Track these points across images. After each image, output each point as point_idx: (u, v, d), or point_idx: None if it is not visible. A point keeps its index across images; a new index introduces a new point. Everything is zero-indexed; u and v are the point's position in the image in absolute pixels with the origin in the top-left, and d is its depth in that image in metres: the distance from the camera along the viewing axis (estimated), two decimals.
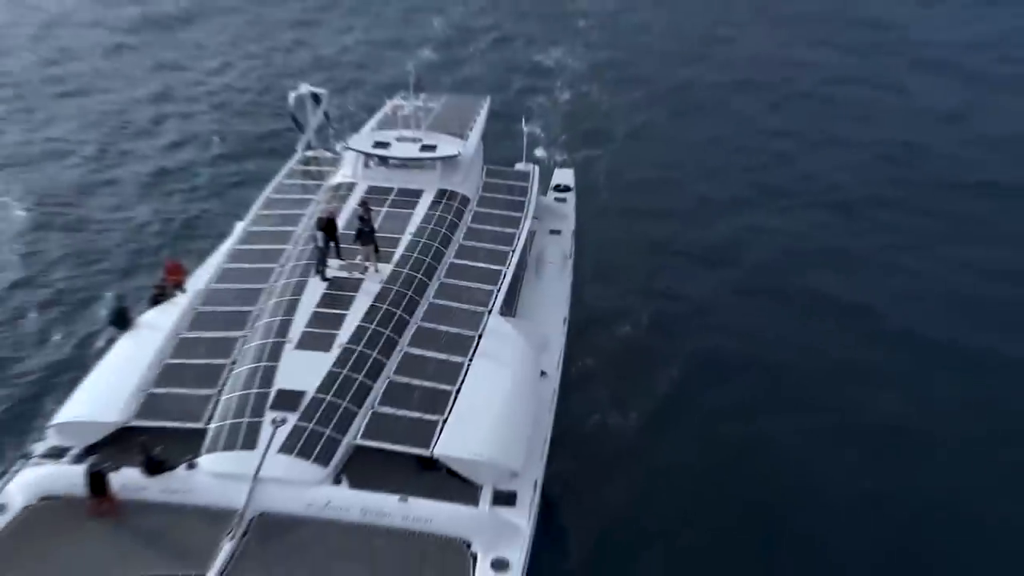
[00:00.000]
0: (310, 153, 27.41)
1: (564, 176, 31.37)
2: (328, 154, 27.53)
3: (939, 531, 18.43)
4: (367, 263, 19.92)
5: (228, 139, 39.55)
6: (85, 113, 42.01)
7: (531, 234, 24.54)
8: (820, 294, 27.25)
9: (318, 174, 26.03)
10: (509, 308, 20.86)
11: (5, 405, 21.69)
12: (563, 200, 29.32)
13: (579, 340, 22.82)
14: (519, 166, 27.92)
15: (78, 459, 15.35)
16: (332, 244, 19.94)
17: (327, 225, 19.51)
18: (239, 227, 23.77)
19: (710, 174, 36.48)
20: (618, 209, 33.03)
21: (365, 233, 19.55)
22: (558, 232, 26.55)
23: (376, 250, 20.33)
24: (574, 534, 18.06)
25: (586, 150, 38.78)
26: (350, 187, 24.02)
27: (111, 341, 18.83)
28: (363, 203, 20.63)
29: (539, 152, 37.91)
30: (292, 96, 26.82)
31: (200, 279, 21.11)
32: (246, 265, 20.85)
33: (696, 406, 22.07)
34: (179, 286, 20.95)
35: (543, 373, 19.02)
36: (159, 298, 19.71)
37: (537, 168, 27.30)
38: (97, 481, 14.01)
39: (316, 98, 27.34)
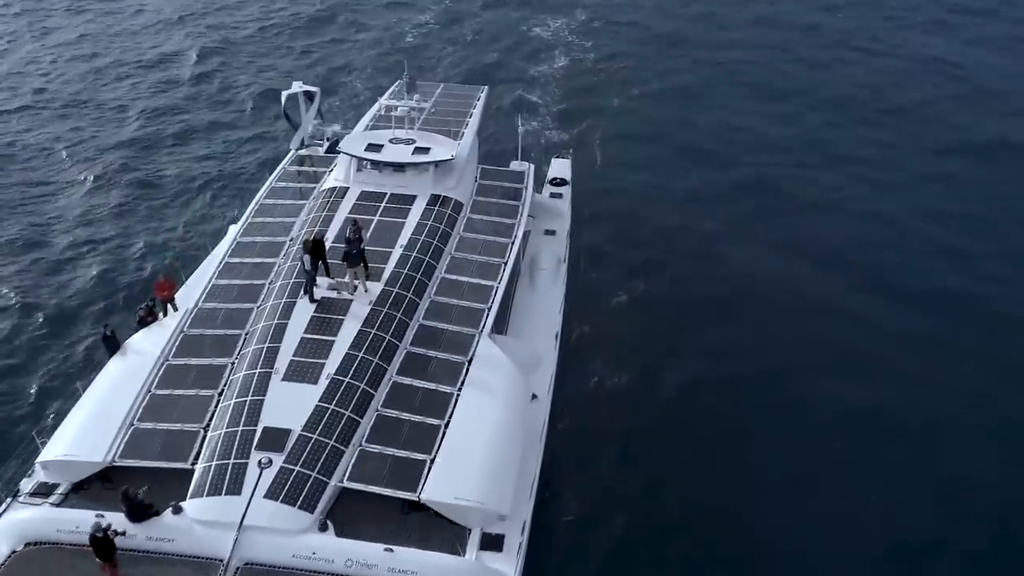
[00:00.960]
0: (304, 152, 26.90)
1: (561, 168, 30.77)
2: (321, 153, 27.01)
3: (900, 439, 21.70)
4: (356, 282, 19.65)
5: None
6: None
7: (525, 235, 24.18)
8: (810, 245, 29.86)
9: (311, 176, 25.58)
10: (501, 324, 20.65)
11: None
12: (559, 196, 28.80)
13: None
14: (514, 164, 27.35)
15: (65, 498, 15.44)
16: (321, 263, 19.65)
17: (314, 247, 19.17)
18: (232, 233, 23.49)
19: (703, 131, 38.39)
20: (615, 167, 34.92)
21: (353, 255, 19.21)
22: (553, 233, 26.13)
23: (366, 267, 20.04)
24: None
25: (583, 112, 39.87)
26: (343, 192, 23.59)
27: (100, 365, 18.74)
28: (353, 222, 20.25)
29: (535, 124, 38.70)
30: (284, 95, 26.25)
31: (191, 292, 20.96)
32: (235, 281, 20.58)
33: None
34: (170, 301, 20.83)
35: (534, 396, 18.92)
36: (147, 319, 19.53)
37: (532, 167, 26.75)
38: (102, 546, 13.79)
39: (309, 96, 26.75)
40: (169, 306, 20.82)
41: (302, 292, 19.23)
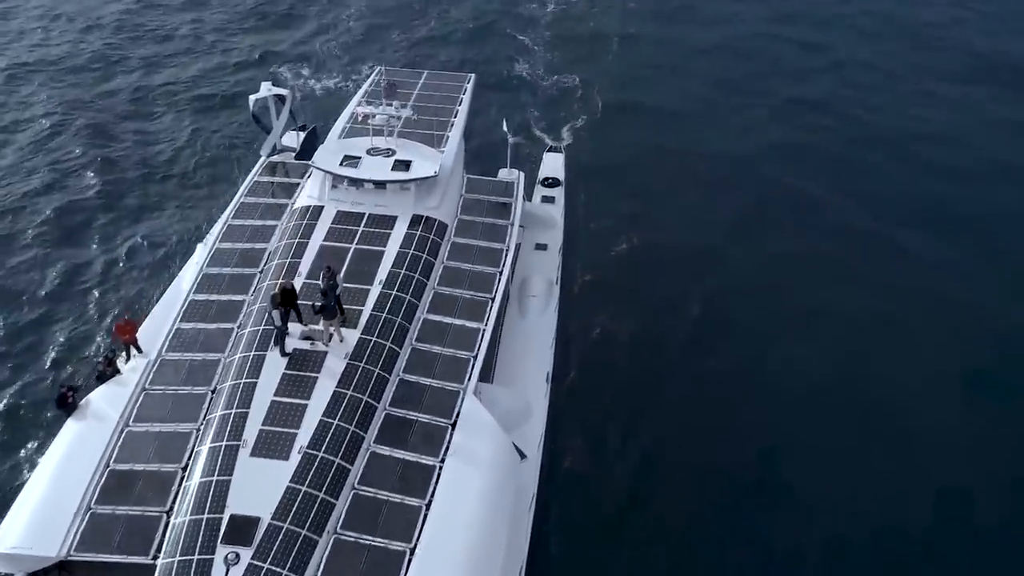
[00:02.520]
0: (276, 158, 24.99)
1: (553, 165, 29.02)
2: (293, 159, 25.09)
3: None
4: (331, 330, 18.21)
5: None
6: None
7: (516, 247, 22.65)
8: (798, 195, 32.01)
9: (283, 188, 23.77)
10: (487, 370, 19.35)
11: None
12: (551, 200, 27.14)
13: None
14: (503, 173, 25.55)
15: None
16: (292, 311, 18.17)
17: (283, 298, 17.67)
18: (199, 254, 21.92)
19: (698, 84, 40.30)
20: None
21: (329, 308, 17.73)
22: (544, 248, 24.60)
23: (342, 312, 18.58)
24: None
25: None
26: (317, 212, 21.88)
27: (56, 426, 17.46)
28: (327, 269, 18.66)
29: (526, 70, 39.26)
30: (253, 99, 24.24)
31: (155, 330, 19.53)
32: (200, 325, 19.13)
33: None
34: (133, 344, 19.40)
35: (523, 456, 17.82)
36: (106, 372, 18.14)
37: (522, 176, 25.00)
38: None
39: (280, 99, 24.72)
40: (132, 349, 19.45)
41: (272, 343, 17.85)
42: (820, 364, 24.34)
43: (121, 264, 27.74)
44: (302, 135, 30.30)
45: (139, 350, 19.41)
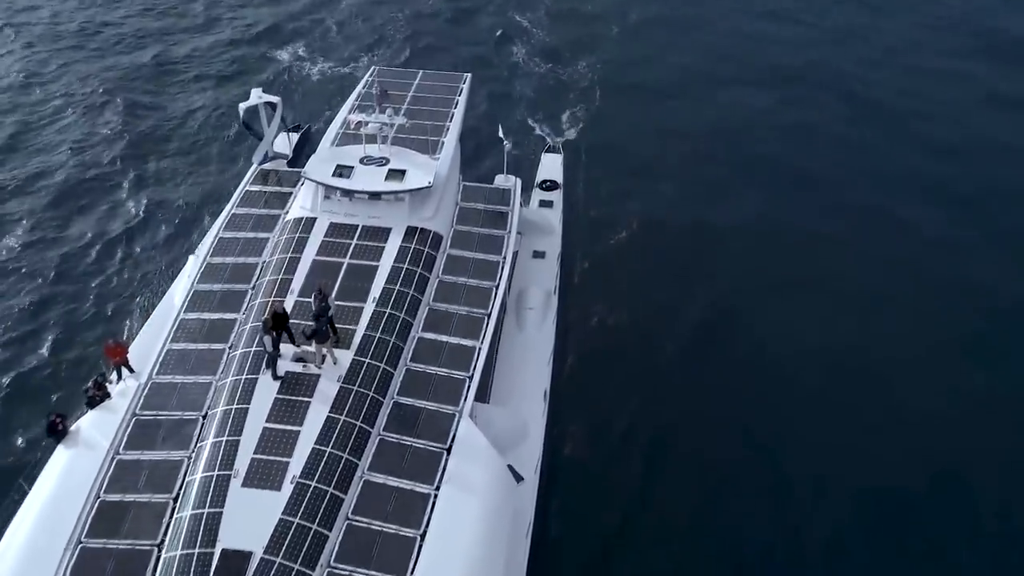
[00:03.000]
0: (268, 166, 24.51)
1: (551, 167, 28.49)
2: (286, 166, 24.65)
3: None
4: (324, 352, 17.88)
5: None
6: None
7: (513, 256, 22.25)
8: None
9: (276, 198, 23.31)
10: (483, 388, 19.01)
11: None
12: (549, 204, 26.65)
13: None
14: (499, 179, 25.08)
15: None
16: (284, 333, 17.84)
17: (275, 323, 17.33)
18: (191, 266, 21.59)
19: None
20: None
21: (321, 332, 17.38)
22: (542, 256, 24.18)
23: (335, 332, 18.27)
24: None
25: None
26: (309, 225, 21.46)
27: (47, 452, 17.21)
28: (318, 291, 18.29)
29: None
30: (243, 107, 23.74)
31: (147, 346, 19.26)
32: (191, 346, 18.80)
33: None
34: (124, 365, 19.11)
35: (520, 479, 17.56)
36: (96, 398, 17.84)
37: (519, 183, 24.49)
38: None
39: (271, 105, 24.23)
40: (124, 369, 19.16)
41: (264, 367, 17.53)
42: (824, 343, 24.37)
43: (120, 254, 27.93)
44: (295, 136, 30.00)
45: (131, 370, 19.14)
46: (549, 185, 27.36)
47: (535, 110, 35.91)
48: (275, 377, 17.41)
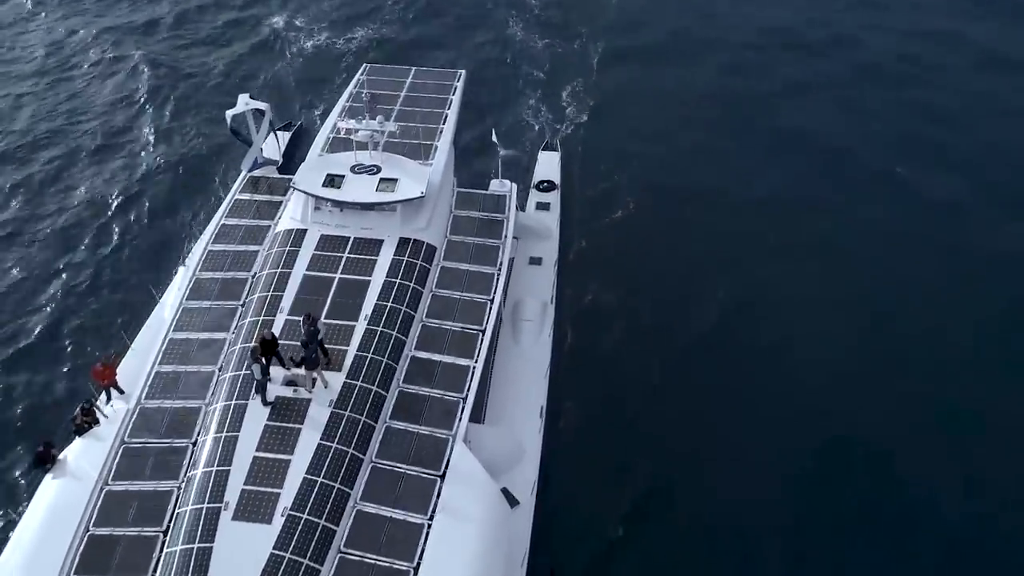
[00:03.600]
0: (258, 173, 23.97)
1: (548, 165, 27.91)
2: (276, 172, 24.09)
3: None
4: (315, 376, 17.52)
5: None
6: None
7: (510, 264, 21.81)
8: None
9: (266, 207, 22.82)
10: (478, 408, 18.67)
11: None
12: (546, 207, 26.11)
13: None
14: (494, 184, 24.50)
15: None
16: (274, 358, 17.49)
17: (264, 349, 16.96)
18: (180, 279, 21.21)
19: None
20: None
21: (311, 360, 17.01)
22: (538, 262, 23.71)
23: (325, 354, 17.92)
24: None
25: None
26: (300, 238, 20.98)
27: (35, 482, 16.98)
28: (307, 317, 17.86)
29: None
30: (230, 115, 23.13)
31: (136, 367, 18.96)
32: (180, 368, 18.46)
33: None
34: (112, 387, 18.82)
35: (515, 503, 17.31)
36: (84, 425, 17.54)
37: (514, 188, 23.93)
38: None
39: (260, 111, 23.61)
40: (113, 391, 18.87)
41: (253, 392, 17.19)
42: (828, 314, 24.55)
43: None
44: (285, 136, 29.36)
45: (120, 391, 18.87)
46: (546, 186, 26.80)
47: (534, 86, 35.21)
48: (265, 403, 17.08)
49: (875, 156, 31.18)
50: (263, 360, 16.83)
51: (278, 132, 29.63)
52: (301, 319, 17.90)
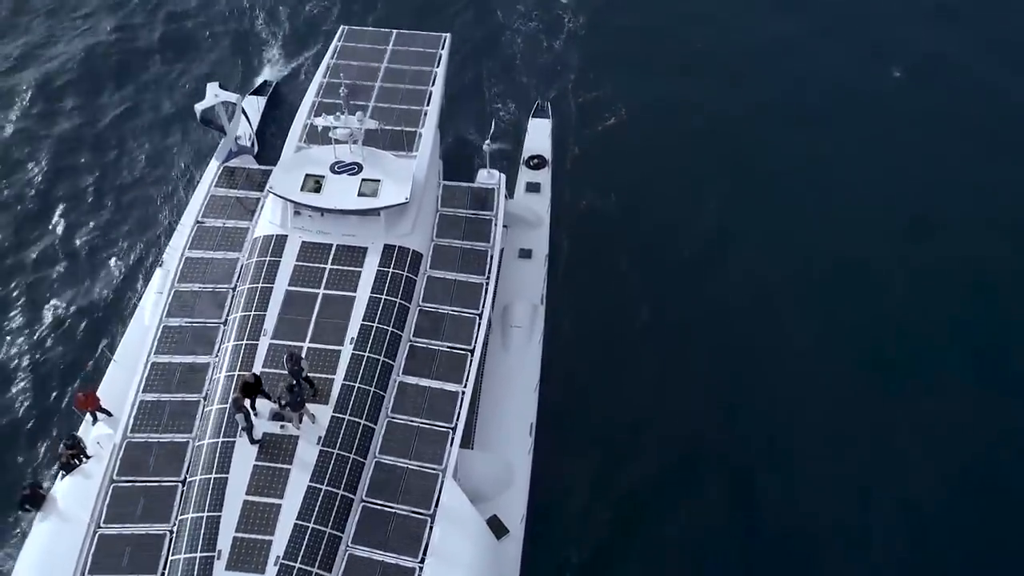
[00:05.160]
0: (234, 163, 22.77)
1: (539, 137, 26.62)
2: (254, 165, 22.90)
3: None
4: (302, 413, 17.30)
5: None
6: None
7: (497, 269, 21.27)
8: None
9: (244, 206, 21.82)
10: (467, 433, 18.58)
11: None
12: (536, 188, 25.09)
13: None
14: (482, 175, 23.38)
15: None
16: (260, 396, 17.21)
17: (246, 392, 16.64)
18: (157, 282, 20.70)
19: None
20: None
21: (297, 403, 16.73)
22: (528, 255, 23.04)
23: (312, 385, 17.65)
24: None
25: None
26: (280, 246, 20.20)
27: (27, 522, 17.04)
28: (289, 357, 17.36)
29: None
30: (199, 109, 21.74)
31: (117, 386, 18.77)
32: (164, 396, 18.17)
33: None
34: (99, 410, 18.64)
35: (505, 531, 17.58)
36: (72, 462, 17.43)
37: (503, 180, 22.88)
38: None
39: (230, 104, 22.19)
40: (99, 414, 18.70)
41: (239, 432, 17.02)
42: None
43: None
44: (261, 101, 27.88)
45: (108, 413, 18.72)
46: (536, 163, 25.66)
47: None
48: (252, 441, 16.98)
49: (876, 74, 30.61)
50: (247, 407, 16.57)
51: (252, 96, 28.21)
52: (284, 358, 17.47)
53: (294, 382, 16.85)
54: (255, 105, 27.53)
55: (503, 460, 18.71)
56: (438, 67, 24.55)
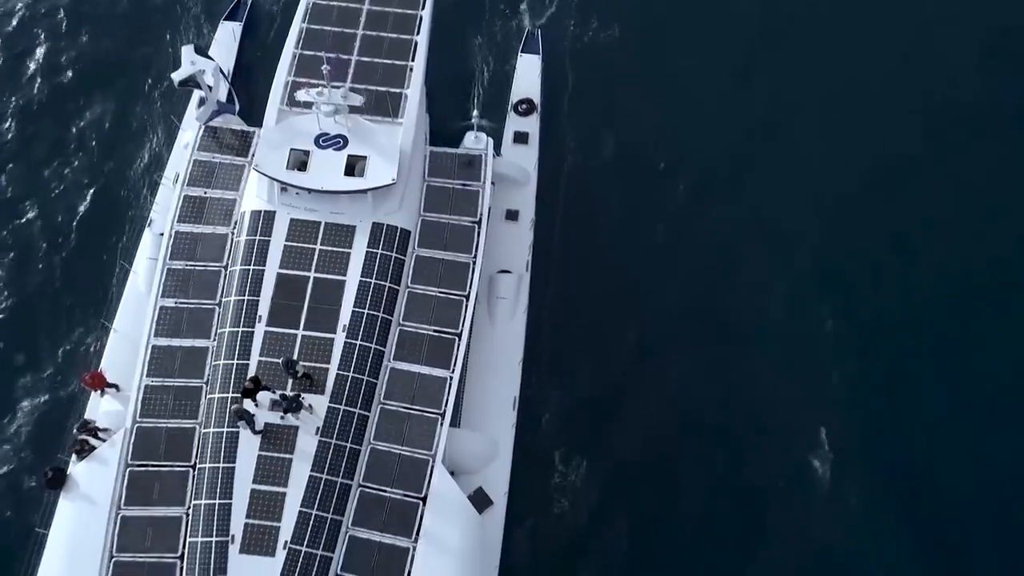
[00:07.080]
0: (218, 122, 22.23)
1: (528, 78, 25.73)
2: (236, 126, 22.36)
3: None
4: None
5: None
6: None
7: (487, 226, 21.71)
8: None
9: (230, 173, 21.61)
10: (456, 410, 19.88)
11: None
12: (524, 138, 24.70)
13: None
14: (469, 138, 22.98)
15: None
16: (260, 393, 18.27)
17: (248, 394, 17.67)
18: (147, 247, 21.31)
19: None
20: None
21: (294, 408, 17.81)
22: (515, 216, 23.27)
23: (308, 376, 18.72)
24: None
25: None
26: (268, 224, 20.42)
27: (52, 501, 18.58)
28: (286, 364, 18.16)
29: None
30: (176, 78, 20.96)
31: (121, 352, 20.00)
32: (168, 382, 19.20)
33: None
34: (107, 386, 19.74)
35: (489, 502, 19.40)
36: (85, 448, 18.72)
37: (491, 145, 22.62)
38: None
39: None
40: (108, 391, 19.83)
41: (243, 425, 18.27)
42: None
43: None
44: (239, 28, 26.69)
45: (116, 388, 19.84)
46: (525, 108, 25.07)
47: None
48: (255, 432, 18.28)
49: None
50: (248, 413, 17.71)
51: (226, 21, 26.86)
52: (281, 362, 18.37)
53: (291, 394, 17.95)
54: (231, 32, 26.32)
55: (489, 438, 20.21)
56: (423, 9, 23.39)
